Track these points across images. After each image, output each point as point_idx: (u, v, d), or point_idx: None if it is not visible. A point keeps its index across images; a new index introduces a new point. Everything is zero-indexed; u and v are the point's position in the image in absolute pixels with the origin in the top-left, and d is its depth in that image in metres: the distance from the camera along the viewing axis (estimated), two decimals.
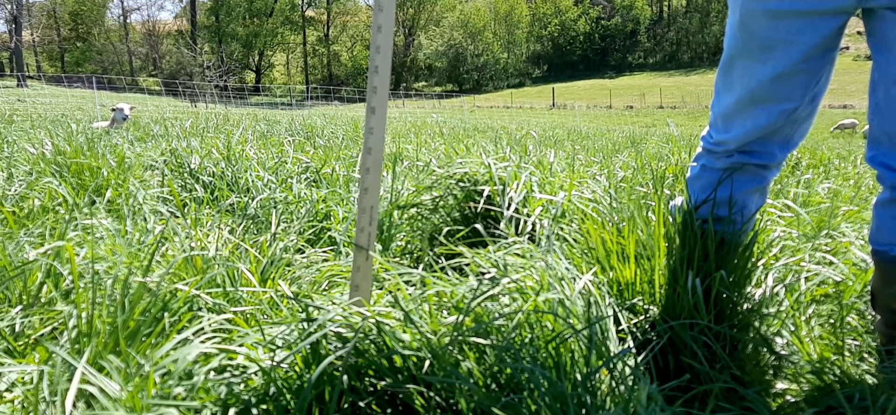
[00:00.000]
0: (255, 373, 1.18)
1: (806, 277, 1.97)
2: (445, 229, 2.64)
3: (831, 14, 1.55)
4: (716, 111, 1.82)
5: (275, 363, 1.17)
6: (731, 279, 1.73)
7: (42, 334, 1.55)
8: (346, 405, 1.17)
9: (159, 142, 5.27)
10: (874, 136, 1.60)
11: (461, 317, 1.27)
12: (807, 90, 1.66)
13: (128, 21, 73.37)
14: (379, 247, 2.52)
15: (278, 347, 1.24)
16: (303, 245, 2.42)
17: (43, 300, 1.63)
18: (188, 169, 3.54)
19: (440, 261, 2.39)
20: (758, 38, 1.63)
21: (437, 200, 2.82)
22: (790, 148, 1.80)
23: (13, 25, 51.25)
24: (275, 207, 2.80)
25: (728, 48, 1.72)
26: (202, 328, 1.44)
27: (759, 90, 1.66)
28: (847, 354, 1.65)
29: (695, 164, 1.94)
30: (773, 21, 1.59)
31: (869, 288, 1.70)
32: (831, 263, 2.06)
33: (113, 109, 9.13)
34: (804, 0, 1.54)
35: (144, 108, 18.78)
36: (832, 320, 1.81)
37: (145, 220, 2.49)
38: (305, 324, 1.23)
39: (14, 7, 51.03)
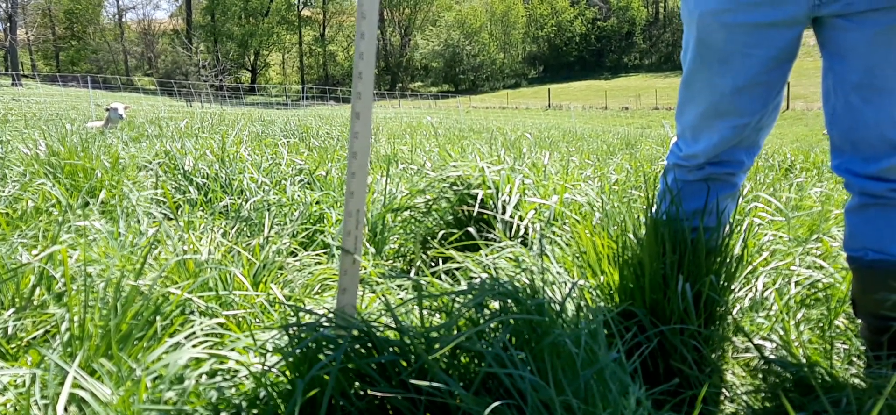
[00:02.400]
0: (246, 377, 1.19)
1: (796, 281, 1.98)
2: (439, 233, 2.65)
3: (785, 26, 1.57)
4: (683, 124, 1.84)
5: (265, 369, 1.18)
6: (721, 284, 1.74)
7: (34, 337, 1.56)
8: (336, 409, 1.18)
9: (154, 142, 5.27)
10: (836, 144, 1.62)
11: (451, 322, 1.28)
12: (768, 100, 1.68)
13: (123, 20, 73.12)
14: (372, 250, 2.53)
15: (269, 351, 1.25)
16: (296, 248, 2.43)
17: (35, 303, 1.64)
18: (182, 171, 3.54)
19: (433, 264, 2.40)
20: (715, 52, 1.65)
21: (431, 203, 2.83)
22: (756, 151, 1.83)
23: (8, 24, 51.12)
24: (268, 210, 2.81)
25: (688, 63, 1.75)
26: (194, 332, 1.44)
27: (722, 103, 1.68)
28: (835, 357, 1.67)
29: (663, 178, 1.95)
30: (730, 35, 1.61)
31: (850, 296, 1.71)
32: (821, 267, 2.07)
33: (108, 109, 9.10)
34: (757, 13, 1.57)
35: (139, 107, 18.74)
36: (821, 324, 1.82)
37: (138, 222, 2.50)
38: (296, 328, 1.23)
39: (9, 6, 50.91)
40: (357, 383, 1.20)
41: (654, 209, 1.79)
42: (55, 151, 3.47)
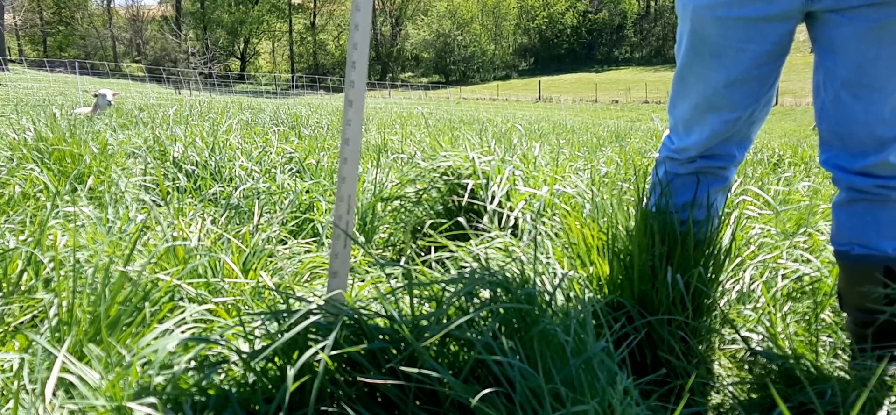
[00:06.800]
0: (235, 364, 1.19)
1: (783, 274, 2.00)
2: (429, 222, 2.65)
3: (778, 20, 1.58)
4: (675, 117, 1.85)
5: (258, 357, 1.17)
6: (709, 276, 1.75)
7: (22, 322, 1.55)
8: (325, 396, 1.18)
9: (142, 129, 5.24)
10: (825, 139, 1.64)
11: (441, 310, 1.28)
12: (761, 95, 1.69)
13: (111, 6, 72.44)
14: (362, 239, 2.52)
15: (258, 337, 1.24)
16: (286, 236, 2.43)
17: (23, 288, 1.63)
18: (171, 158, 3.52)
19: (423, 254, 2.41)
20: (709, 46, 1.65)
21: (421, 192, 2.83)
22: (748, 145, 1.85)
23: None
24: (258, 198, 2.80)
25: (681, 56, 1.75)
26: (183, 319, 1.44)
27: (714, 97, 1.69)
28: (821, 350, 1.68)
29: (655, 171, 1.96)
30: (723, 29, 1.61)
31: (836, 289, 1.73)
32: (808, 260, 2.09)
33: (96, 95, 9.04)
34: (751, 8, 1.57)
35: (128, 94, 18.60)
36: (807, 317, 1.84)
37: (127, 208, 2.48)
38: (286, 315, 1.23)
39: None
40: (347, 370, 1.21)
41: (644, 202, 1.80)
42: (43, 136, 3.44)
